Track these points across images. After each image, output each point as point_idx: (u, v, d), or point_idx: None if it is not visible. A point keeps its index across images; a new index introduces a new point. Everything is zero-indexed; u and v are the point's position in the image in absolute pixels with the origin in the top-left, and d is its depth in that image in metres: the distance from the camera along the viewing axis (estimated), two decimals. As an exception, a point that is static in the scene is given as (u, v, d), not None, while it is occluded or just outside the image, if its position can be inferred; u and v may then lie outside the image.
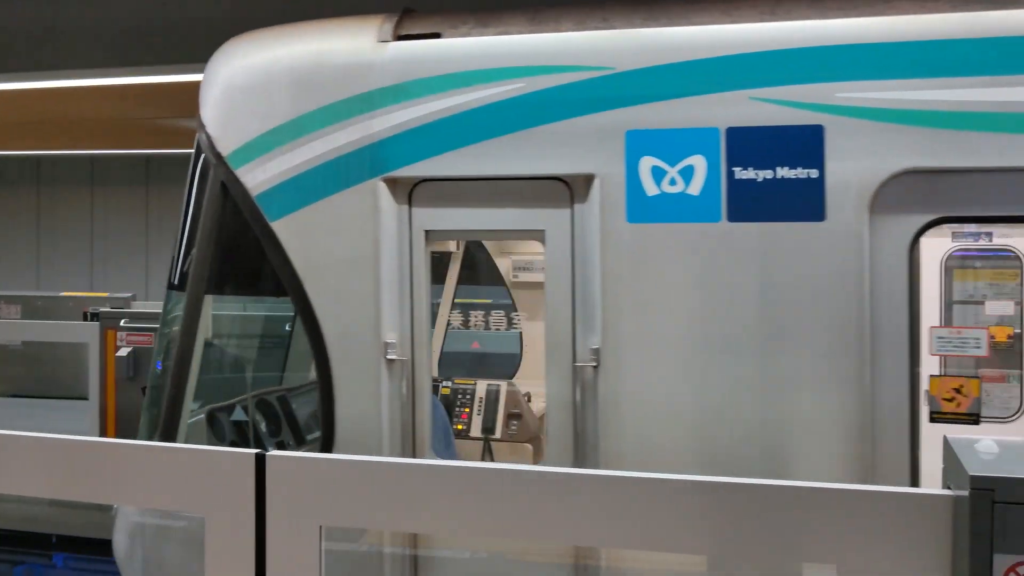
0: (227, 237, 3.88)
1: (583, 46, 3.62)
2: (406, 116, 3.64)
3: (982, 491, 2.09)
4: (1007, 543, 2.09)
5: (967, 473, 2.11)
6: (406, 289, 3.73)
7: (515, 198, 3.72)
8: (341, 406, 3.65)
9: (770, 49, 3.45)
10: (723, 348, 3.48)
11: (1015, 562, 2.09)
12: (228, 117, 3.90)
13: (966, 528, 2.12)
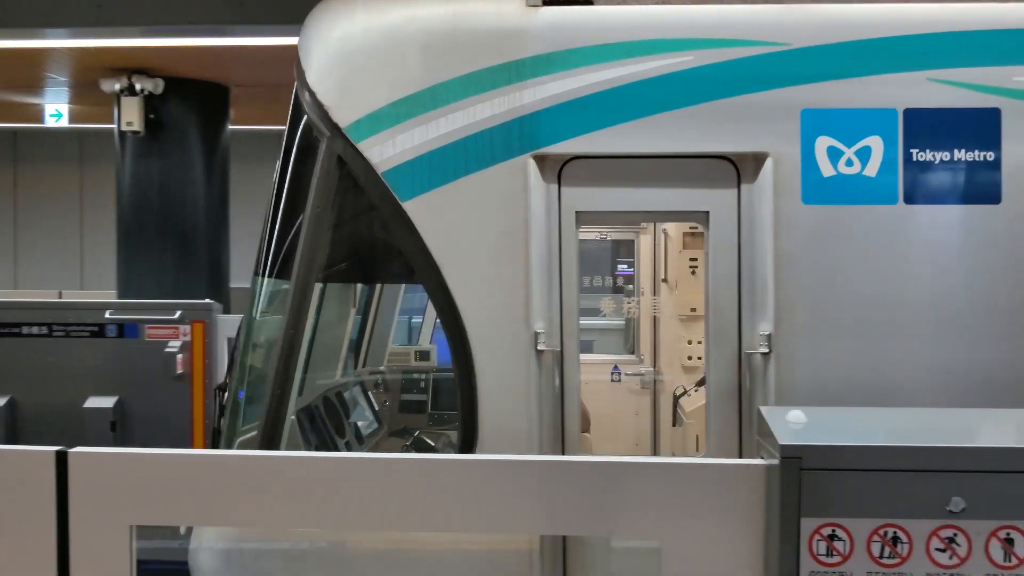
0: (346, 219, 3.55)
1: (758, 20, 3.44)
2: (559, 88, 3.37)
3: (791, 459, 2.17)
4: (813, 507, 2.18)
5: (778, 442, 2.18)
6: (555, 274, 3.44)
7: (675, 178, 3.48)
8: (485, 402, 3.32)
9: (949, 31, 3.37)
10: (898, 332, 3.39)
11: (819, 524, 2.18)
12: (347, 84, 3.50)
13: (777, 495, 2.20)
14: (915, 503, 2.18)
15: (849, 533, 2.19)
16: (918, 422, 2.54)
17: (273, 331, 3.88)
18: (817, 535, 2.19)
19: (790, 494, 2.20)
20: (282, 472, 2.23)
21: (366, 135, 3.38)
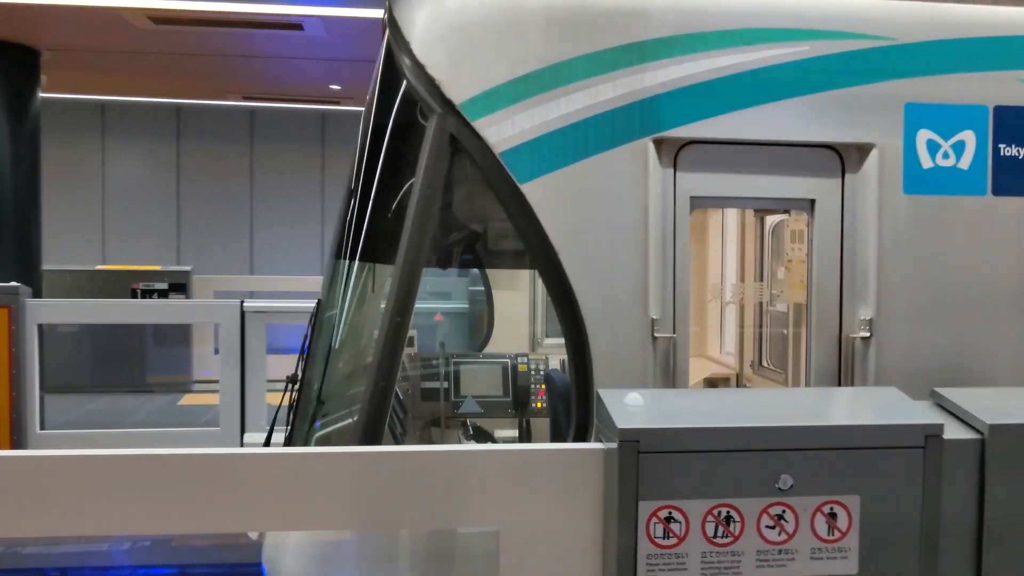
0: (460, 201, 3.38)
1: (868, 14, 3.49)
2: (681, 72, 3.29)
3: (629, 443, 2.15)
4: (650, 490, 2.17)
5: (617, 426, 2.15)
6: (669, 261, 3.35)
7: (783, 166, 3.49)
8: (602, 384, 3.17)
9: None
10: (988, 317, 3.53)
11: (657, 507, 2.18)
12: (463, 58, 3.26)
13: (615, 478, 2.17)
14: (747, 482, 2.22)
15: (685, 515, 2.20)
16: (751, 403, 2.60)
17: (365, 318, 3.71)
18: (654, 518, 2.19)
19: (628, 477, 2.19)
20: (62, 471, 2.02)
21: (483, 113, 3.20)
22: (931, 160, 3.50)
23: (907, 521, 2.28)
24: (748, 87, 3.35)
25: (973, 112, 3.51)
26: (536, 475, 2.31)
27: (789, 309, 4.16)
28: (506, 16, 3.26)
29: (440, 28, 3.27)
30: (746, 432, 2.22)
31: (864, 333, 3.46)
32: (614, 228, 3.28)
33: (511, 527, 2.29)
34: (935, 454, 2.29)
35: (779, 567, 2.24)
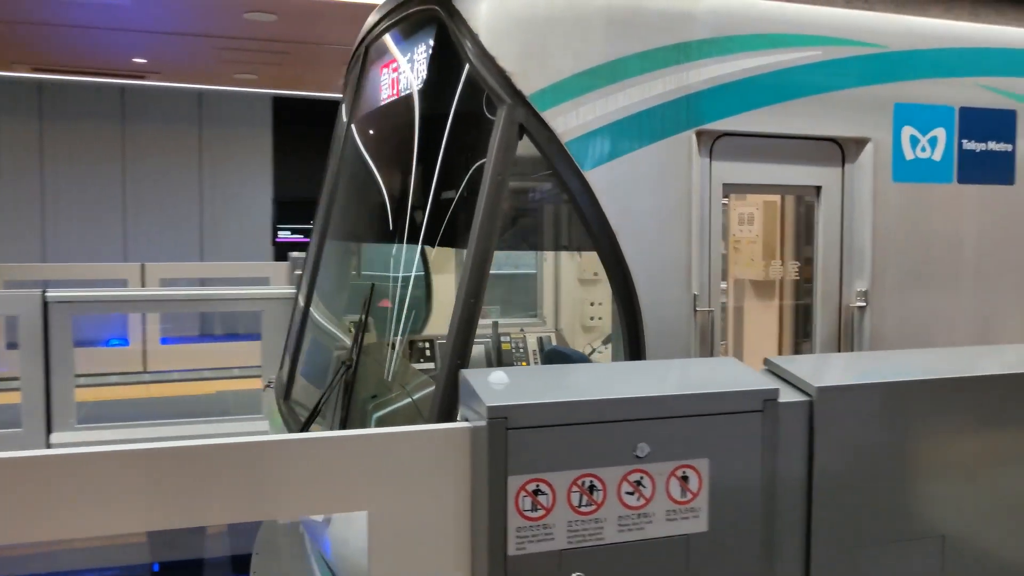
0: (530, 187, 3.57)
1: (866, 24, 3.97)
2: (719, 71, 3.64)
3: (497, 420, 2.20)
4: (519, 465, 2.23)
5: (485, 404, 2.19)
6: (706, 241, 3.69)
7: (797, 157, 3.92)
8: (653, 353, 3.50)
9: (994, 47, 4.21)
10: (956, 285, 4.15)
11: (525, 480, 2.24)
12: (533, 51, 3.40)
13: (484, 455, 2.21)
14: (608, 452, 2.33)
15: (552, 486, 2.28)
16: (609, 376, 2.71)
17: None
18: (523, 491, 2.26)
19: (497, 454, 2.24)
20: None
21: (550, 104, 3.37)
22: (912, 152, 4.05)
23: (749, 479, 2.47)
24: (772, 86, 3.76)
25: (944, 112, 4.10)
26: (404, 457, 2.32)
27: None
28: (572, 14, 3.47)
29: (509, 22, 3.41)
30: (608, 404, 2.32)
31: (861, 303, 3.97)
32: (662, 212, 3.58)
33: (380, 510, 2.29)
34: (772, 416, 2.49)
35: (638, 530, 2.37)
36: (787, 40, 3.78)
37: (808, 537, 2.58)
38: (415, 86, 3.80)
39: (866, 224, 3.99)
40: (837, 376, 2.67)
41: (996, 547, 2.85)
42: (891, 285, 4.03)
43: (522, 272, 6.67)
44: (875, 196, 4.00)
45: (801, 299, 4.29)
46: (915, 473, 2.71)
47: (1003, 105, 4.22)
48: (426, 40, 3.76)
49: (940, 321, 4.15)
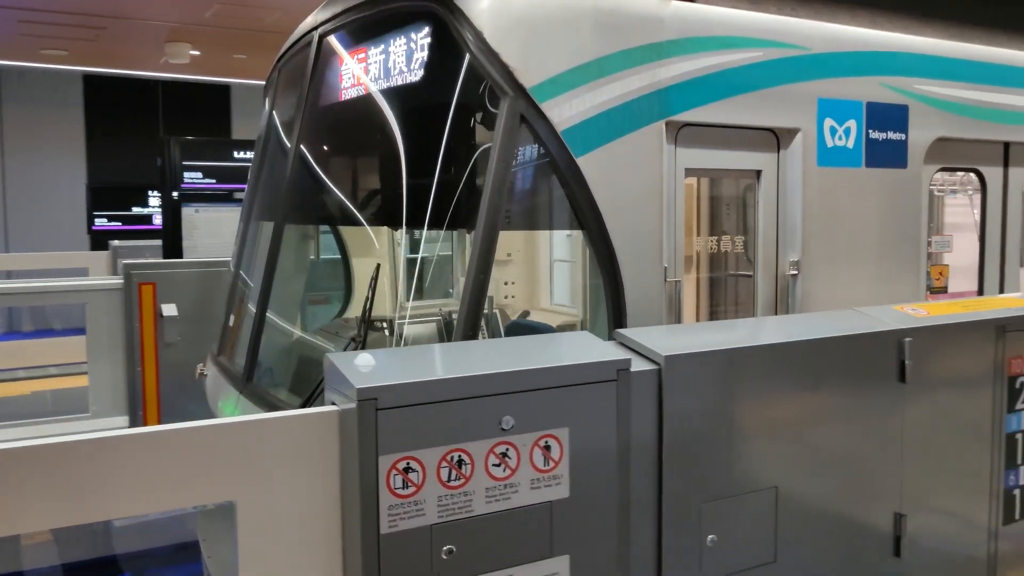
0: (529, 172, 3.80)
1: (795, 29, 4.47)
2: (683, 68, 4.05)
3: (367, 401, 2.23)
4: (389, 444, 2.27)
5: (354, 386, 2.21)
6: (672, 220, 4.09)
7: (741, 144, 4.39)
8: (631, 321, 3.85)
9: (894, 50, 4.83)
10: (865, 254, 4.76)
11: (396, 459, 2.28)
12: (533, 48, 3.72)
13: (354, 437, 2.24)
14: (475, 426, 2.40)
15: (422, 463, 2.33)
16: (473, 353, 2.78)
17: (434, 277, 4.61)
18: (394, 470, 2.30)
19: (367, 435, 2.26)
20: None
21: (548, 96, 3.67)
22: (832, 141, 4.60)
23: (606, 445, 2.62)
24: (723, 82, 4.20)
25: (855, 106, 4.66)
26: (271, 444, 2.30)
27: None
28: (565, 15, 3.81)
29: (511, 21, 3.71)
30: (474, 380, 2.39)
31: (793, 271, 4.51)
32: (638, 194, 3.92)
33: (248, 499, 2.27)
34: (625, 385, 2.64)
35: (505, 500, 2.47)
36: (735, 42, 4.24)
37: (660, 495, 2.76)
38: (406, 76, 4.01)
39: (797, 203, 4.50)
40: (682, 345, 2.86)
41: (820, 495, 3.15)
42: (817, 255, 4.57)
43: (440, 254, 6.79)
44: (804, 178, 4.50)
45: (744, 270, 4.87)
46: (751, 432, 2.95)
47: (898, 101, 4.86)
48: (417, 33, 3.95)
49: (854, 284, 4.75)
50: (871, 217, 4.80)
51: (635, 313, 3.88)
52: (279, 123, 5.28)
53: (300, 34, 5.05)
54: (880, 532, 3.31)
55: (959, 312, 3.65)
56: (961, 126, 5.19)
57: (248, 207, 5.58)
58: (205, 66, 14.97)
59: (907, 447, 3.35)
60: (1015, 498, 3.74)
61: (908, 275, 5.01)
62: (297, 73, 4.99)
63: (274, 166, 5.19)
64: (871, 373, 3.25)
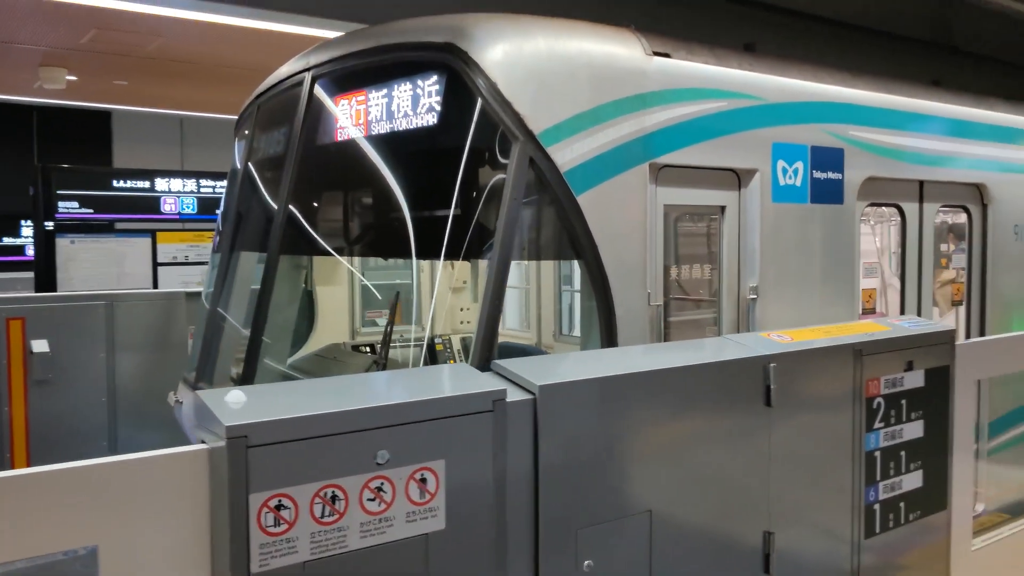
0: (536, 208, 4.14)
1: (753, 81, 5.01)
2: (664, 116, 4.49)
3: (237, 439, 2.20)
4: (260, 482, 2.24)
5: (223, 424, 2.19)
6: (654, 251, 4.50)
7: (708, 183, 4.88)
8: (621, 340, 4.21)
9: (833, 101, 5.46)
10: (811, 280, 5.31)
11: (267, 497, 2.26)
12: (540, 97, 4.11)
13: (224, 476, 2.21)
14: (349, 461, 2.40)
15: (294, 500, 2.31)
16: (349, 388, 2.78)
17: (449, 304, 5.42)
18: (265, 508, 2.27)
19: (237, 473, 2.23)
20: None
21: (553, 141, 4.07)
22: (784, 180, 5.14)
23: (483, 475, 2.65)
24: (696, 128, 4.66)
25: (802, 149, 5.23)
26: (137, 485, 2.24)
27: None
28: (567, 68, 4.23)
29: (522, 73, 4.12)
30: (347, 415, 2.39)
31: (752, 295, 4.98)
32: (626, 227, 4.31)
33: (111, 542, 2.20)
34: (501, 416, 2.69)
35: (380, 534, 2.47)
36: (706, 93, 4.73)
37: (536, 523, 2.81)
38: (414, 120, 4.35)
39: (755, 234, 5.00)
40: (557, 375, 2.93)
41: (692, 516, 3.26)
42: (771, 281, 5.07)
43: (400, 282, 7.56)
44: (761, 213, 5.01)
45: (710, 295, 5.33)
46: (625, 457, 3.04)
47: (836, 145, 5.45)
48: (425, 80, 4.29)
49: (801, 307, 5.26)
50: (815, 247, 5.36)
51: (623, 333, 4.25)
52: (264, 159, 5.49)
53: (288, 73, 5.33)
54: (750, 550, 3.45)
55: (820, 338, 3.86)
56: (886, 167, 5.83)
57: (228, 238, 5.69)
58: (83, 92, 14.45)
59: (774, 467, 3.51)
60: (875, 512, 3.95)
61: (845, 299, 5.55)
62: (283, 111, 5.27)
63: (263, 200, 5.42)
64: (739, 397, 3.40)
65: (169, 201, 12.28)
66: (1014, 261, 7.02)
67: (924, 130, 6.21)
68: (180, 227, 12.37)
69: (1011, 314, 7.04)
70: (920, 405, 4.12)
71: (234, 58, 11.42)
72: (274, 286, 4.91)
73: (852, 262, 5.61)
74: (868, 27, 11.55)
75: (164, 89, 14.35)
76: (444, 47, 4.21)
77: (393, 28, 4.71)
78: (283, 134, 5.17)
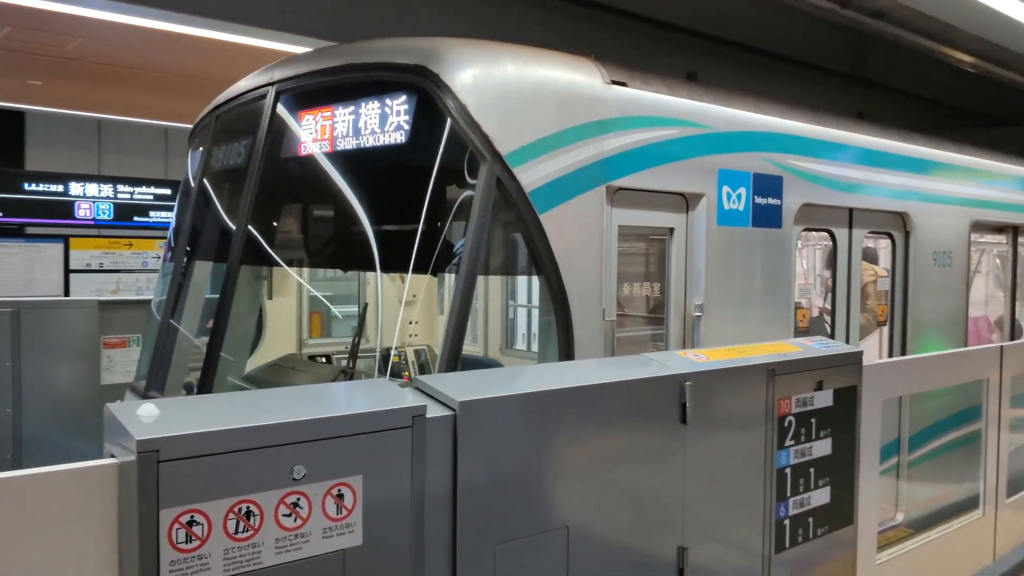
0: (503, 226, 4.30)
1: (701, 111, 5.28)
2: (620, 142, 4.71)
3: (148, 453, 2.16)
4: (172, 498, 2.20)
5: (134, 437, 2.14)
6: (609, 269, 4.70)
7: (658, 206, 5.12)
8: (578, 351, 4.42)
9: (773, 131, 5.80)
10: (751, 299, 5.59)
11: (179, 513, 2.22)
12: (508, 121, 4.28)
13: (134, 491, 2.16)
14: (264, 477, 2.37)
15: (207, 516, 2.27)
16: (267, 402, 2.73)
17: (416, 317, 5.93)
18: (176, 524, 2.22)
19: (148, 489, 2.18)
20: None
21: (519, 162, 4.24)
22: (728, 204, 5.39)
23: (401, 492, 2.64)
24: (649, 154, 4.88)
25: (745, 176, 5.52)
26: (41, 501, 2.17)
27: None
28: (532, 92, 4.41)
29: (490, 97, 4.27)
30: (263, 430, 2.36)
31: (698, 313, 5.23)
32: (585, 246, 4.51)
33: (13, 562, 2.12)
34: (420, 431, 2.69)
35: (296, 550, 2.44)
36: (659, 121, 4.97)
37: (454, 539, 2.81)
38: (381, 138, 4.43)
39: (701, 255, 5.24)
40: (477, 390, 2.95)
41: (608, 532, 3.31)
42: (715, 300, 5.32)
43: (347, 294, 7.89)
44: (707, 235, 5.25)
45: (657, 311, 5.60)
46: (543, 473, 3.07)
47: (776, 172, 5.78)
48: (394, 100, 4.38)
49: (743, 325, 5.54)
50: (756, 268, 5.63)
51: (580, 346, 4.46)
52: (224, 170, 5.46)
53: (250, 87, 5.36)
54: (665, 565, 3.51)
55: (734, 357, 3.96)
56: (820, 194, 6.20)
57: (183, 248, 5.66)
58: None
59: (689, 484, 3.59)
60: (785, 528, 4.07)
61: (782, 317, 5.85)
62: (244, 124, 5.30)
63: (223, 211, 5.42)
64: (655, 415, 3.46)
65: (84, 206, 11.94)
66: (933, 286, 7.36)
67: (854, 160, 6.55)
68: (95, 233, 12.01)
69: (930, 335, 7.37)
70: (829, 424, 4.27)
71: (157, 62, 11.17)
72: (234, 297, 4.92)
73: (789, 283, 5.89)
74: (794, 59, 11.96)
75: (82, 91, 13.94)
76: (415, 69, 4.33)
77: (362, 48, 4.84)
78: (245, 146, 5.20)
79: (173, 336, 5.48)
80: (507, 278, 7.05)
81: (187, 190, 5.86)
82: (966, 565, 5.76)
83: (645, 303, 5.48)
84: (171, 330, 5.50)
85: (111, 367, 7.69)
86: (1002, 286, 9.77)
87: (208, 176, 5.60)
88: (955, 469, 6.85)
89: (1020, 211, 8.96)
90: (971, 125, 14.64)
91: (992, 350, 6.08)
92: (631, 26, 10.17)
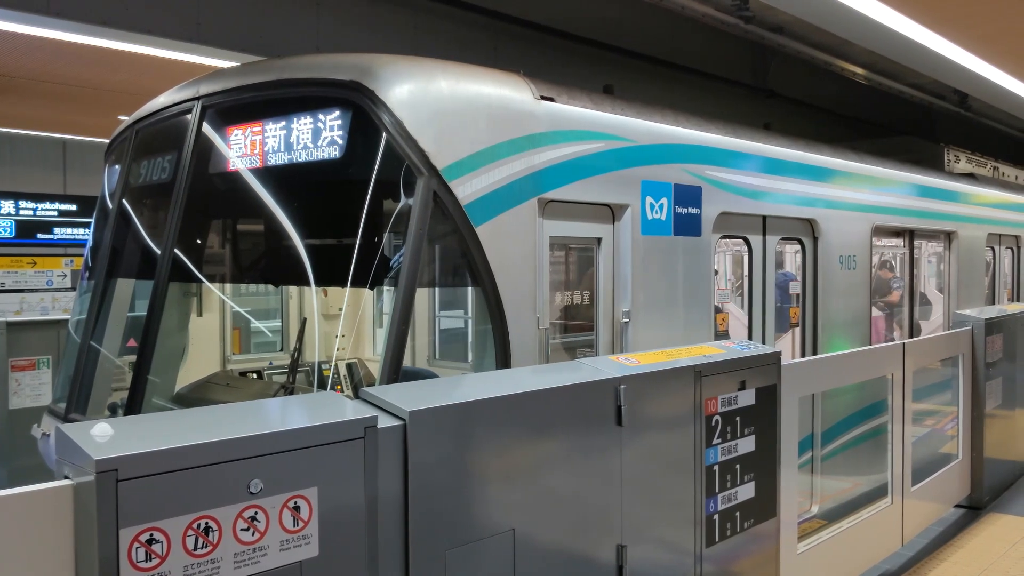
0: (440, 238, 4.40)
1: (623, 125, 5.47)
2: (550, 155, 4.88)
3: (107, 473, 2.16)
4: (130, 516, 2.21)
5: (91, 457, 2.14)
6: (541, 279, 4.84)
7: (586, 217, 5.29)
8: (514, 357, 4.58)
9: (692, 143, 6.04)
10: (674, 305, 5.81)
11: (138, 531, 2.22)
12: (443, 136, 4.37)
13: (92, 512, 2.16)
14: (222, 492, 2.39)
15: (166, 534, 2.27)
16: (222, 418, 2.74)
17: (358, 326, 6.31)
18: (136, 543, 2.22)
19: (107, 508, 2.18)
20: None
21: (455, 176, 4.34)
22: (651, 215, 5.62)
23: (355, 502, 2.69)
24: (577, 167, 5.05)
25: (667, 187, 5.74)
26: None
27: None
28: (467, 109, 4.51)
29: (426, 113, 4.35)
30: (219, 446, 2.38)
31: (625, 319, 5.43)
32: (519, 257, 4.65)
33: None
34: (372, 442, 2.74)
35: (254, 564, 2.46)
36: (586, 135, 5.14)
37: (407, 546, 2.87)
38: (315, 153, 4.45)
39: (627, 264, 5.44)
40: (425, 400, 3.01)
41: (551, 533, 3.41)
42: (642, 305, 5.53)
43: (270, 308, 8.01)
44: (632, 244, 5.45)
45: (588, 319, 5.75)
46: (489, 479, 3.16)
47: (695, 183, 6.01)
48: (328, 115, 4.40)
49: (667, 329, 5.76)
50: (678, 275, 5.87)
51: (516, 353, 4.59)
52: (146, 186, 5.39)
53: (174, 101, 5.29)
54: (605, 563, 3.63)
55: (664, 360, 4.13)
56: (737, 203, 6.48)
57: (103, 266, 5.53)
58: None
59: (626, 483, 3.72)
60: (715, 523, 4.25)
61: (704, 322, 6.10)
62: (167, 139, 5.23)
63: (147, 227, 5.37)
64: (593, 418, 3.59)
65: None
66: (840, 288, 7.76)
67: (765, 170, 6.88)
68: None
69: (838, 335, 7.76)
70: (752, 421, 4.48)
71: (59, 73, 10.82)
72: (163, 314, 4.89)
73: (709, 289, 6.14)
74: (703, 71, 12.37)
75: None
76: (350, 85, 4.38)
77: (295, 63, 4.86)
78: (170, 162, 5.14)
79: (95, 356, 5.36)
80: (442, 289, 7.26)
81: (105, 207, 5.72)
82: (877, 551, 6.09)
83: (576, 311, 5.63)
84: (92, 350, 5.37)
85: (19, 391, 7.43)
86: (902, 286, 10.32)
87: (129, 192, 5.49)
88: (864, 461, 7.23)
89: (916, 216, 9.51)
90: (867, 134, 15.40)
91: (895, 347, 6.45)
92: (546, 40, 10.38)
